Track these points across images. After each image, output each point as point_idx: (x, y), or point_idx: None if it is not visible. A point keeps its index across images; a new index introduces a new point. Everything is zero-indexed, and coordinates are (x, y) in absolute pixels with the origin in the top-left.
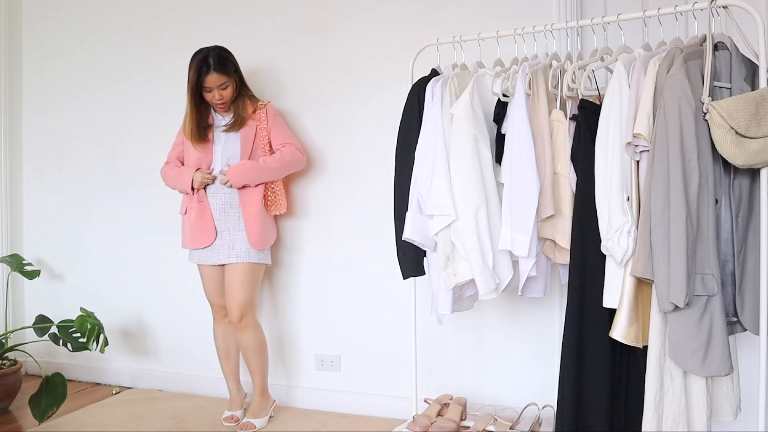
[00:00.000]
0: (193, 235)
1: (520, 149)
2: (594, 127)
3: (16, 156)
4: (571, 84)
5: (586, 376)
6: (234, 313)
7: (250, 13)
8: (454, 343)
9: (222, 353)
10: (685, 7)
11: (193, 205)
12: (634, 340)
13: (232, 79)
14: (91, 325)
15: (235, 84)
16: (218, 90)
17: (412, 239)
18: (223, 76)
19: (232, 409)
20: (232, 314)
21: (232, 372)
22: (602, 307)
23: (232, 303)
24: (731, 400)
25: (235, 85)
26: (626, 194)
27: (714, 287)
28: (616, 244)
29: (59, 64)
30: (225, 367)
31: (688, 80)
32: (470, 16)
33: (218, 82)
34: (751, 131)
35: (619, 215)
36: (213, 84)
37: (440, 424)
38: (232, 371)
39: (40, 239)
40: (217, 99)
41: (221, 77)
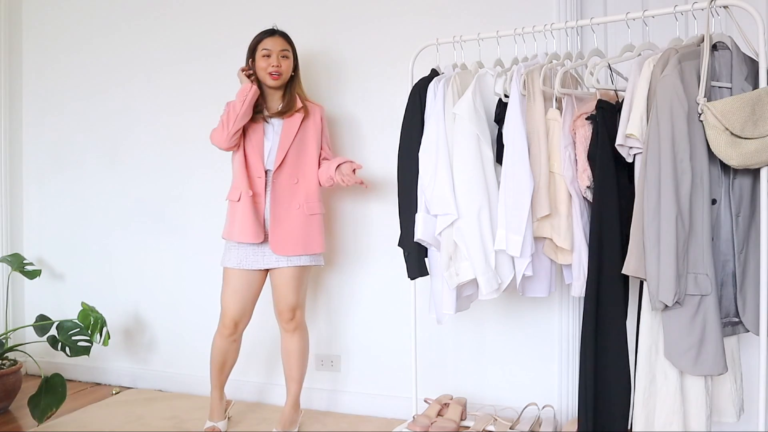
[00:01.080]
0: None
1: (513, 150)
2: (611, 127)
3: (17, 156)
4: (593, 82)
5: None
6: (288, 313)
7: (250, 13)
8: (454, 343)
9: (216, 365)
10: (684, 7)
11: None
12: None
13: (293, 55)
14: (94, 318)
15: (294, 63)
16: (278, 55)
17: (423, 240)
18: (287, 44)
19: (213, 420)
20: (286, 314)
21: (221, 383)
22: (619, 305)
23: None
24: (734, 401)
25: (293, 64)
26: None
27: (707, 287)
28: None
29: (59, 64)
30: (215, 378)
31: (681, 81)
32: (470, 16)
33: (281, 46)
34: (747, 132)
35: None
36: (275, 47)
37: (440, 424)
38: (222, 382)
39: (41, 239)
40: (275, 65)
41: (284, 43)
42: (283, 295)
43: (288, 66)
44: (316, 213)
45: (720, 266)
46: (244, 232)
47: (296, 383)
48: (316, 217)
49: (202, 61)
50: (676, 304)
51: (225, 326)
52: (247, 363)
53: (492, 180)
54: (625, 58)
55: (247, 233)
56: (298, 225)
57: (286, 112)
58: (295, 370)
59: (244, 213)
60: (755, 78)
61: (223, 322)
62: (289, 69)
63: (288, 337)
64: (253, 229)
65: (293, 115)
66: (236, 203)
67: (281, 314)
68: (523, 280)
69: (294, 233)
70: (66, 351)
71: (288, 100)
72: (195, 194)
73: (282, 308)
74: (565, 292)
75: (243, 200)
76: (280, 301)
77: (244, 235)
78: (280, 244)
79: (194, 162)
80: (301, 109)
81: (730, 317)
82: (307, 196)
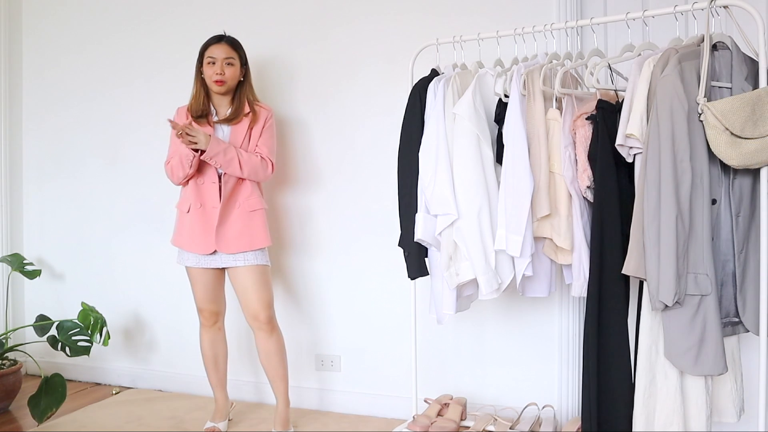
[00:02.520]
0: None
1: (513, 150)
2: (612, 127)
3: (17, 156)
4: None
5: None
6: (263, 314)
7: (251, 13)
8: (454, 343)
9: (210, 362)
10: (684, 7)
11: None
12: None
13: (239, 63)
14: (94, 318)
15: (240, 70)
16: (222, 63)
17: (423, 240)
18: (232, 51)
19: (215, 420)
20: (261, 316)
21: (221, 381)
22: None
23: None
24: (734, 401)
25: (239, 71)
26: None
27: (707, 287)
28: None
29: (59, 64)
30: (213, 376)
31: (681, 81)
32: (470, 16)
33: (225, 54)
34: (747, 132)
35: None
36: (219, 55)
37: (440, 424)
38: (221, 380)
39: (41, 239)
40: (218, 73)
41: (230, 51)
42: (249, 299)
43: (233, 73)
44: (256, 209)
45: (720, 266)
46: (193, 243)
47: (283, 381)
48: (257, 212)
49: None
50: (676, 304)
51: (205, 318)
52: (247, 363)
53: (492, 180)
54: (625, 58)
55: (196, 245)
56: (241, 223)
57: (234, 119)
58: (280, 369)
59: (192, 225)
60: (755, 78)
61: (202, 315)
62: (235, 75)
63: (265, 338)
64: (201, 242)
65: (241, 121)
66: (186, 214)
67: (254, 318)
68: (523, 280)
69: (237, 231)
70: (66, 351)
71: (236, 106)
72: None
73: (252, 312)
74: (565, 292)
75: (192, 212)
76: (249, 306)
77: (193, 246)
78: (224, 243)
79: None
80: (248, 114)
81: (730, 317)
82: (248, 194)
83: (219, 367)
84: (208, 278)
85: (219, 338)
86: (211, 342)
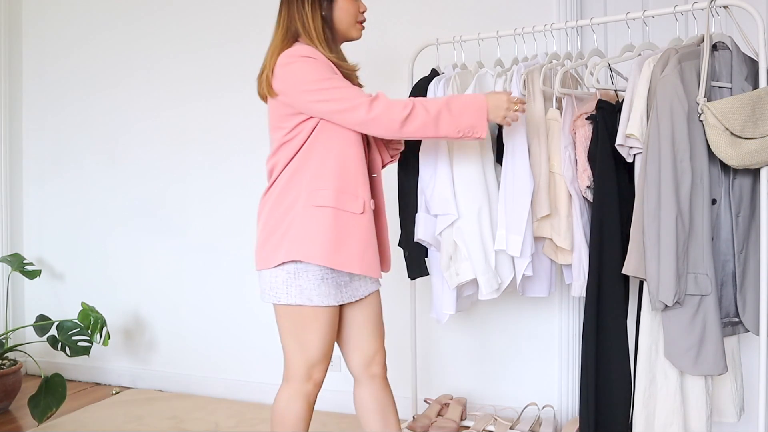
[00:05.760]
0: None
1: (514, 150)
2: (612, 127)
3: (17, 155)
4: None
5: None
6: (382, 355)
7: (250, 12)
8: (454, 343)
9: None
10: (684, 7)
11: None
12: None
13: None
14: (94, 318)
15: None
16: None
17: (423, 240)
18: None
19: None
20: (379, 357)
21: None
22: (620, 305)
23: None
24: (735, 401)
25: None
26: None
27: (707, 287)
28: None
29: (59, 63)
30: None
31: (681, 81)
32: (470, 16)
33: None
34: (747, 132)
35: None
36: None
37: (440, 424)
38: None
39: (41, 239)
40: (363, 11)
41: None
42: (371, 337)
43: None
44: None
45: (720, 266)
46: (365, 260)
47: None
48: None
49: (201, 59)
50: (676, 304)
51: (315, 383)
52: (247, 363)
53: (492, 180)
54: (625, 58)
55: (372, 264)
56: (385, 232)
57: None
58: (397, 426)
59: (363, 235)
60: (755, 78)
61: (319, 370)
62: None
63: (381, 387)
64: (374, 260)
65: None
66: (357, 216)
67: (370, 363)
68: (523, 280)
69: (384, 244)
70: (66, 351)
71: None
72: (195, 193)
73: (370, 354)
74: (565, 292)
75: (367, 216)
76: (367, 347)
77: (366, 265)
78: (385, 260)
79: (194, 161)
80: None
81: (730, 317)
82: (381, 193)
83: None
84: (336, 321)
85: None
86: (304, 418)
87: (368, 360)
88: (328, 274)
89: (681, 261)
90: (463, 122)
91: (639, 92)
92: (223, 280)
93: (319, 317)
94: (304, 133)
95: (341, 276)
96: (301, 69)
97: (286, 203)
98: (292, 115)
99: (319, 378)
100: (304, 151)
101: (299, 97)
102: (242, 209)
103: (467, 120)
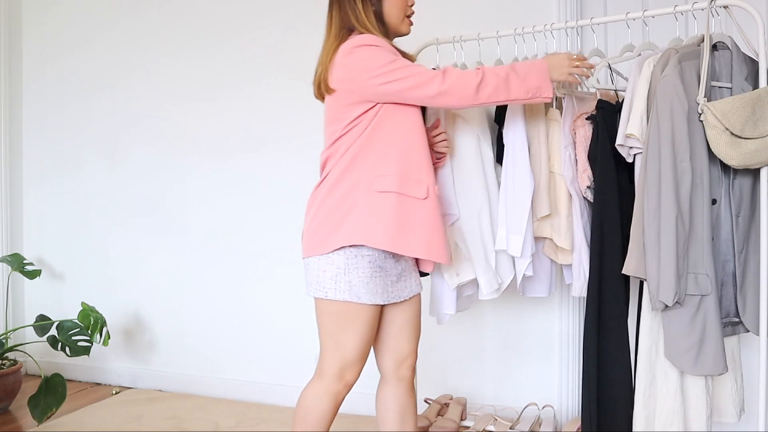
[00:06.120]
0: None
1: (514, 150)
2: (612, 127)
3: (17, 155)
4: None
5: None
6: (412, 359)
7: (250, 11)
8: (454, 343)
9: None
10: (684, 7)
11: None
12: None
13: None
14: (94, 318)
15: None
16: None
17: None
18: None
19: None
20: (410, 361)
21: None
22: (621, 305)
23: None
24: (735, 401)
25: None
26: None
27: (708, 287)
28: None
29: (59, 63)
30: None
31: (681, 81)
32: (470, 16)
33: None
34: (747, 132)
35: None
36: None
37: (440, 424)
38: None
39: (41, 239)
40: (412, 5)
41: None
42: (406, 338)
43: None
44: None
45: (720, 266)
46: (431, 245)
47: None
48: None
49: (201, 59)
50: (676, 304)
51: (347, 384)
52: (247, 363)
53: (492, 180)
54: (625, 58)
55: (439, 248)
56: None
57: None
58: (414, 429)
59: (431, 222)
60: (755, 78)
61: (342, 375)
62: None
63: (405, 391)
64: (442, 247)
65: None
66: (421, 202)
67: (400, 364)
68: (524, 280)
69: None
70: (66, 351)
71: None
72: (195, 193)
73: (402, 356)
74: (565, 292)
75: (431, 200)
76: (400, 348)
77: (433, 251)
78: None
79: (194, 161)
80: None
81: (730, 317)
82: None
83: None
84: (377, 321)
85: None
86: (329, 415)
87: (399, 362)
88: (377, 271)
89: (681, 261)
90: (530, 83)
91: (639, 92)
92: (224, 280)
93: (362, 315)
94: (363, 123)
95: (389, 275)
96: (367, 54)
97: (344, 189)
98: (355, 104)
99: (351, 379)
100: (364, 139)
101: (367, 82)
102: (242, 209)
103: (534, 81)
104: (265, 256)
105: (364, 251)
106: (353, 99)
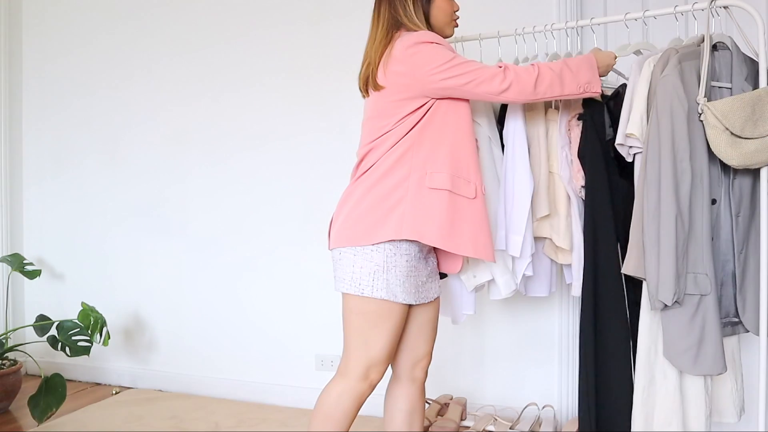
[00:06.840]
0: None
1: (514, 150)
2: (599, 123)
3: (17, 155)
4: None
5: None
6: (427, 361)
7: (250, 11)
8: (454, 343)
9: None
10: (684, 7)
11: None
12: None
13: None
14: (94, 318)
15: None
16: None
17: None
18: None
19: None
20: (424, 362)
21: None
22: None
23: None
24: (735, 401)
25: None
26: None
27: (707, 287)
28: None
29: (59, 63)
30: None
31: (681, 81)
32: (470, 16)
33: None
34: (747, 132)
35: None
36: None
37: (440, 424)
38: None
39: (41, 239)
40: (457, 10)
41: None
42: (427, 338)
43: None
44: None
45: (720, 266)
46: (478, 244)
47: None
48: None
49: (201, 59)
50: (676, 303)
51: (371, 384)
52: (247, 363)
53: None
54: (629, 52)
55: (485, 247)
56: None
57: None
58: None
59: (478, 218)
60: (755, 78)
61: (367, 375)
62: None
63: (417, 393)
64: (488, 246)
65: None
66: (471, 201)
67: (414, 366)
68: (524, 280)
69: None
70: (66, 351)
71: None
72: (195, 193)
73: (418, 357)
74: (565, 292)
75: (479, 200)
76: (417, 349)
77: (481, 250)
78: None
79: (194, 161)
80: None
81: (730, 317)
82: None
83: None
84: (404, 320)
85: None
86: (351, 412)
87: (415, 362)
88: (412, 271)
89: (680, 260)
90: (581, 78)
91: (639, 92)
92: (224, 280)
93: (394, 315)
94: (414, 118)
95: (420, 275)
96: (430, 49)
97: (391, 183)
98: (409, 99)
99: (375, 379)
100: (414, 135)
101: (429, 77)
102: (242, 209)
103: (585, 76)
104: (265, 255)
105: (403, 249)
106: (409, 94)
